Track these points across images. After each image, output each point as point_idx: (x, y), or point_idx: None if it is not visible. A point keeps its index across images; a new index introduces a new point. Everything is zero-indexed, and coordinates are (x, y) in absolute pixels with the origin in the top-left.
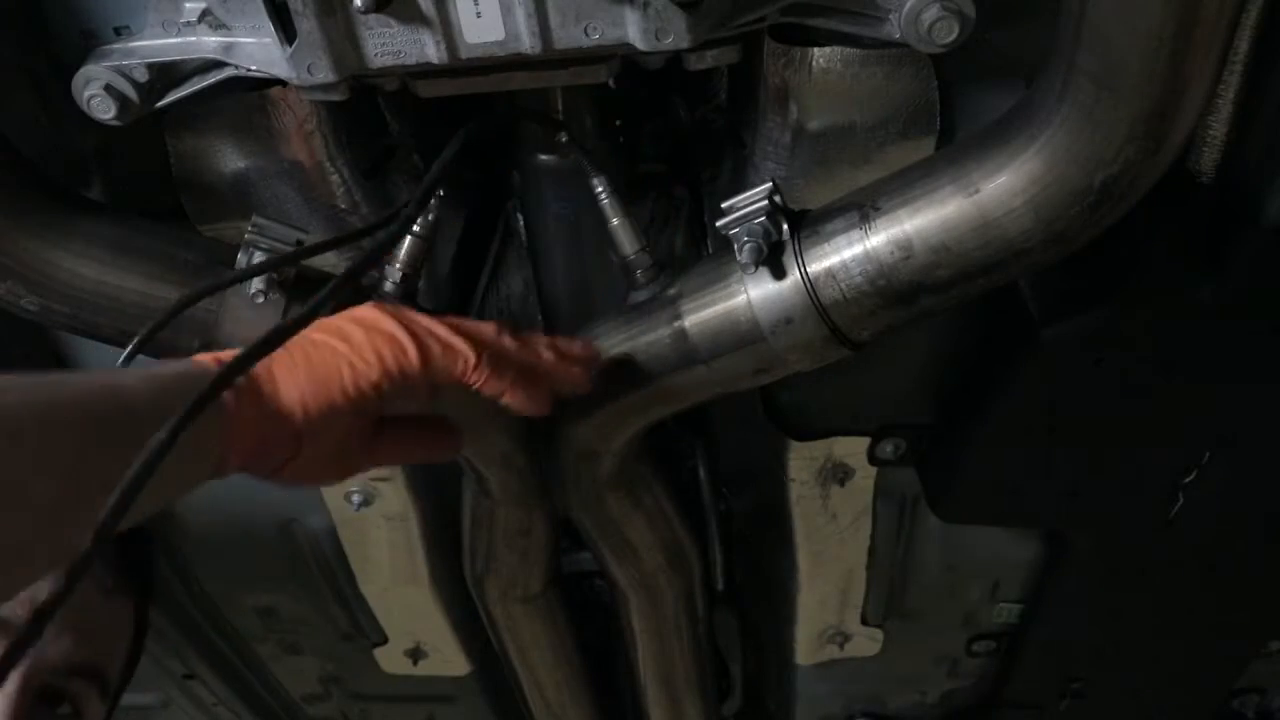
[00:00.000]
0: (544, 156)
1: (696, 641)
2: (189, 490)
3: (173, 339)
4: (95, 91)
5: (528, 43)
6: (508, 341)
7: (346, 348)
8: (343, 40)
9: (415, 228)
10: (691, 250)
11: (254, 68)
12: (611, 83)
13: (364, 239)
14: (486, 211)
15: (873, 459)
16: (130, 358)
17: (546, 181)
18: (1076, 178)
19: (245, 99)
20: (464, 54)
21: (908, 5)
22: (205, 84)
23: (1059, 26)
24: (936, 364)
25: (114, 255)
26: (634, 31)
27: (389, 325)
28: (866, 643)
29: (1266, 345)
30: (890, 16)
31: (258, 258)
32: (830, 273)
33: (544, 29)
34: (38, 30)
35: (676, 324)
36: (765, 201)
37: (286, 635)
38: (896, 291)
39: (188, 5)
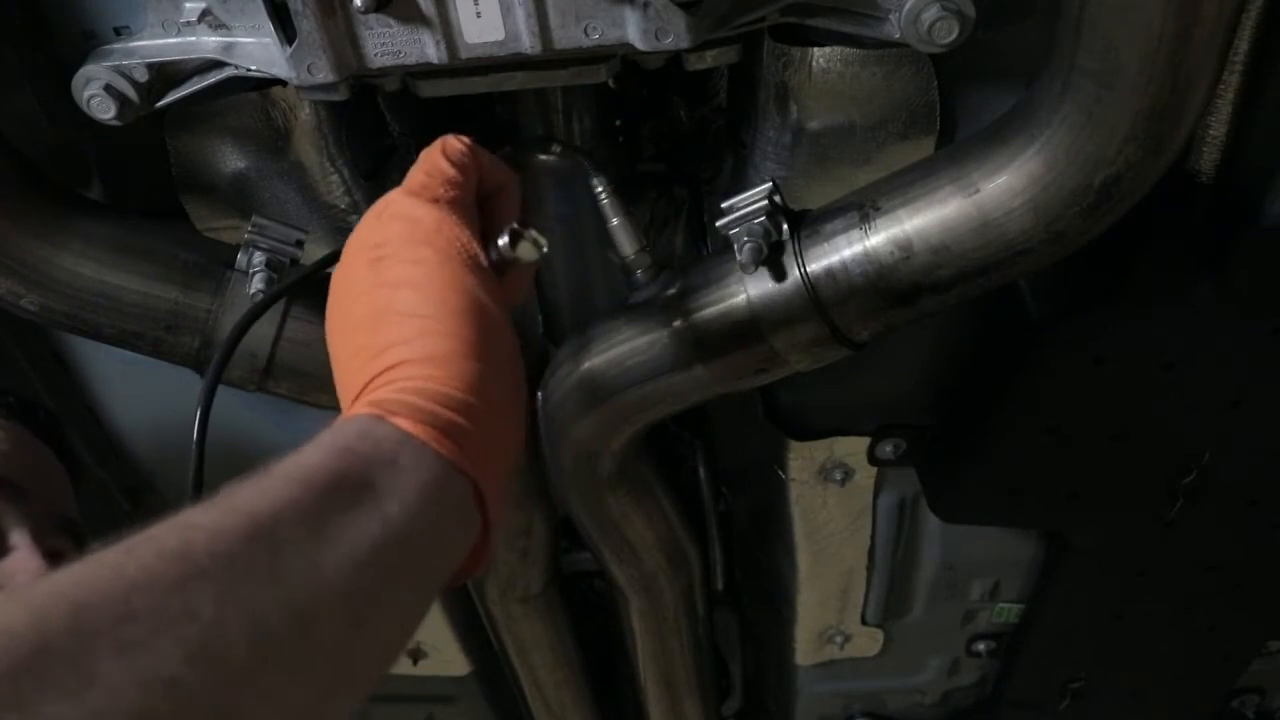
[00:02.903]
0: (543, 157)
1: (696, 641)
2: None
3: (173, 339)
4: (95, 91)
5: (528, 43)
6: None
7: (418, 265)
8: (343, 40)
9: None
10: (691, 250)
11: (254, 68)
12: (611, 83)
13: None
14: None
15: (873, 459)
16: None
17: (546, 182)
18: (1076, 178)
19: (245, 99)
20: (464, 54)
21: (908, 5)
22: (205, 84)
23: (1059, 26)
24: (936, 364)
25: (114, 255)
26: (634, 31)
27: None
28: (866, 643)
29: (1266, 345)
30: (890, 16)
31: (258, 257)
32: (830, 272)
33: (544, 29)
34: (38, 30)
35: (676, 324)
36: (765, 201)
37: None
38: (896, 291)
39: (188, 5)
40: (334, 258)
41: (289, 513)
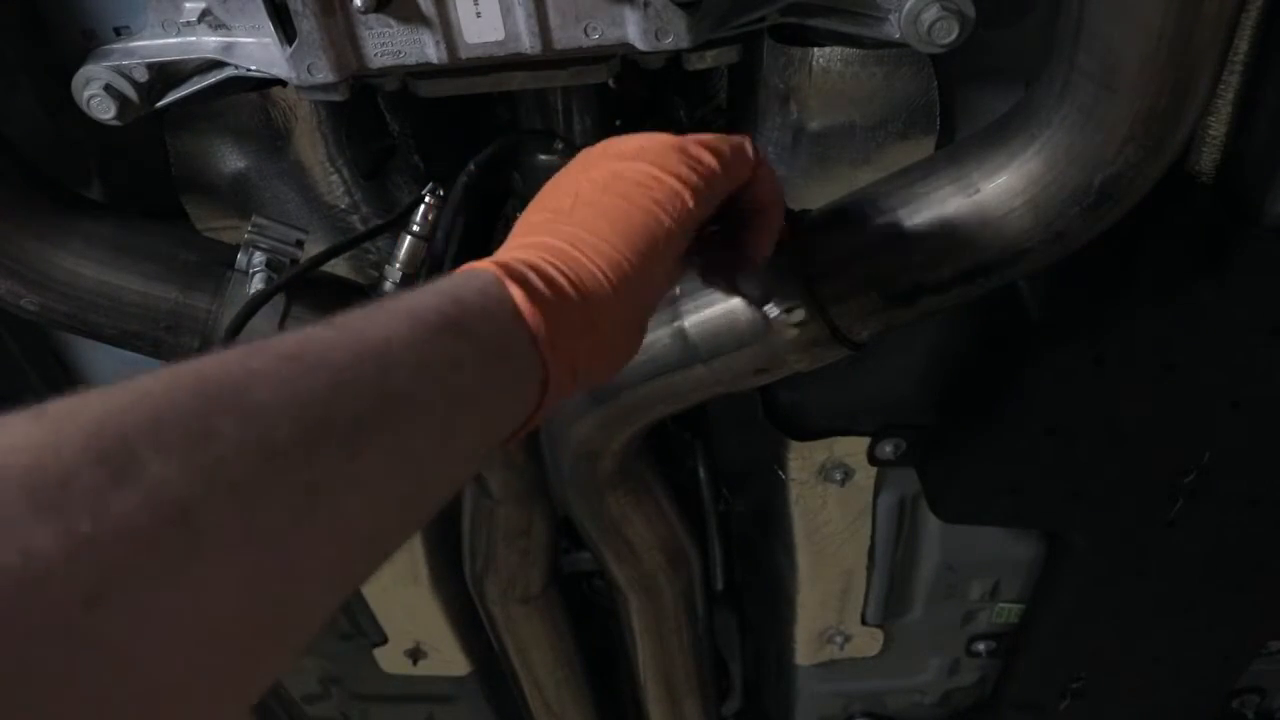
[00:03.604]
0: (544, 157)
1: (696, 641)
2: (509, 436)
3: (173, 339)
4: (95, 91)
5: (527, 43)
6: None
7: (643, 188)
8: (343, 40)
9: (415, 228)
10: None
11: (254, 68)
12: (611, 83)
13: (368, 240)
14: (487, 212)
15: (873, 459)
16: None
17: (547, 181)
18: (1076, 178)
19: (245, 99)
20: (464, 54)
21: (907, 5)
22: (205, 84)
23: (1058, 26)
24: (936, 364)
25: (114, 255)
26: (634, 31)
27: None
28: (866, 643)
29: (1266, 345)
30: (890, 16)
31: (258, 257)
32: (830, 272)
33: (544, 29)
34: (38, 30)
35: (676, 324)
36: None
37: None
38: (896, 292)
39: (188, 5)
40: (332, 253)
41: (395, 342)
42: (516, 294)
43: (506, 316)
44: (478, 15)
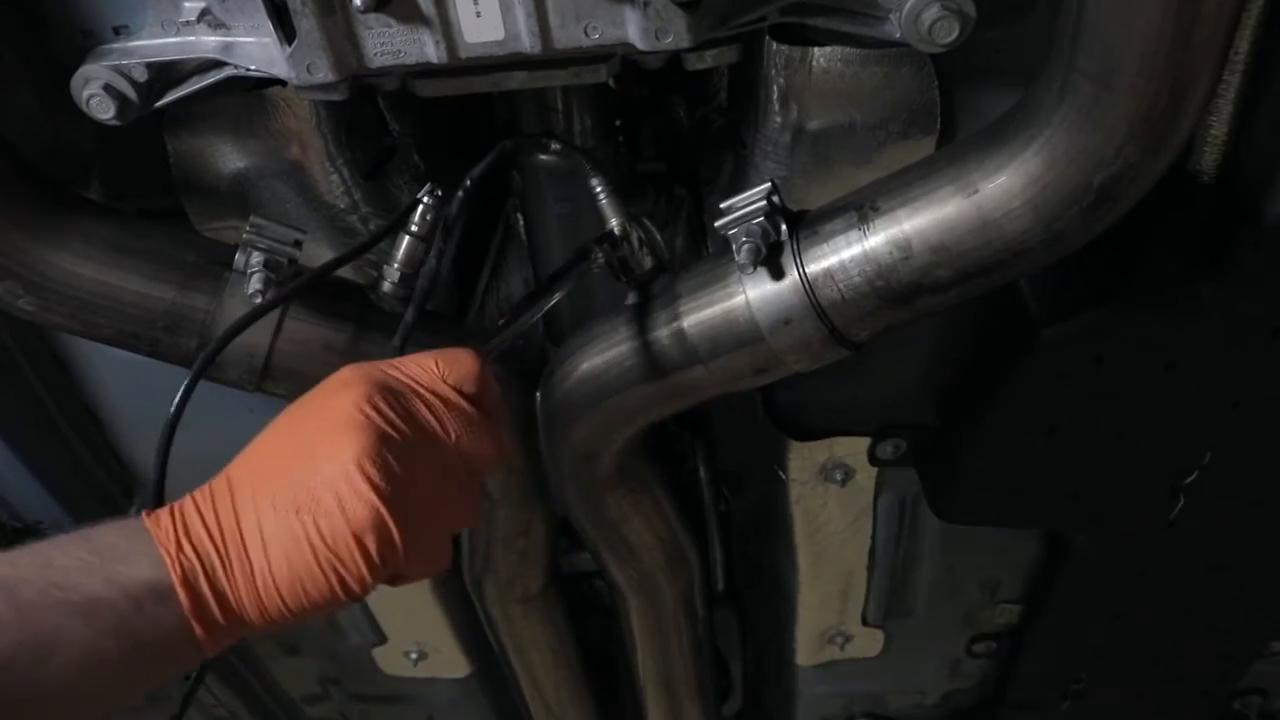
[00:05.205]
0: (544, 157)
1: (696, 641)
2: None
3: (170, 339)
4: (94, 91)
5: (527, 42)
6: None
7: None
8: (342, 40)
9: (414, 228)
10: (691, 250)
11: (253, 67)
12: (611, 82)
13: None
14: (487, 211)
15: (873, 459)
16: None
17: (546, 182)
18: (1076, 178)
19: (245, 99)
20: (464, 53)
21: (908, 5)
22: (204, 84)
23: (1058, 26)
24: (937, 364)
25: (113, 255)
26: (634, 31)
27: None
28: (867, 643)
29: (1266, 345)
30: (890, 16)
31: (255, 257)
32: (829, 273)
33: (544, 29)
34: (36, 29)
35: (676, 324)
36: (764, 202)
37: (285, 636)
38: (895, 292)
39: (187, 5)
40: (336, 264)
41: (62, 647)
42: (197, 630)
43: (175, 622)
44: (478, 15)
